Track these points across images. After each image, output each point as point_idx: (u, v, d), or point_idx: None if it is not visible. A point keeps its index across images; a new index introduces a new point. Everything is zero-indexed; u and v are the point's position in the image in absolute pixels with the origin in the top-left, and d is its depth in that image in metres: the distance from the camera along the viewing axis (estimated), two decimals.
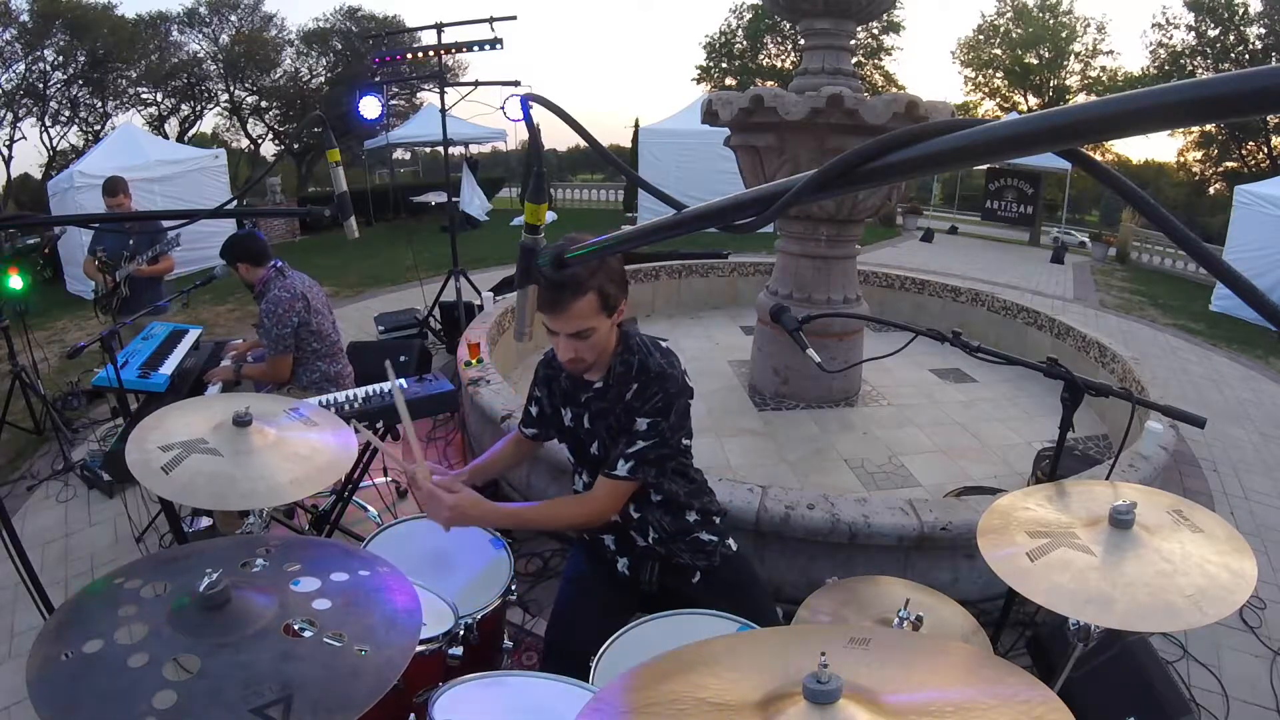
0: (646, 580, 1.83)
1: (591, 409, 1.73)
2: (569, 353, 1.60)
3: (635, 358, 1.68)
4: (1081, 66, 24.79)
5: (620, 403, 1.68)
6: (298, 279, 3.19)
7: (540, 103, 0.80)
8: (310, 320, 3.16)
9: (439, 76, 6.30)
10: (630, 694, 0.92)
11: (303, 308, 3.12)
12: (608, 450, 1.72)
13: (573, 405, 1.78)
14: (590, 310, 1.54)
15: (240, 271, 3.14)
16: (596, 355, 1.64)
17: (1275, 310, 0.45)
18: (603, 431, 1.72)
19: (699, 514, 1.84)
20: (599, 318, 1.57)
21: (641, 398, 1.64)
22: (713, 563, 1.86)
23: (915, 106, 3.67)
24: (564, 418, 1.81)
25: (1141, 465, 3.15)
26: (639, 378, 1.66)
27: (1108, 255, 14.11)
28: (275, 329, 3.07)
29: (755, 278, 7.08)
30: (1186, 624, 1.15)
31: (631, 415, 1.65)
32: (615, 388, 1.68)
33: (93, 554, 3.20)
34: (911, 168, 0.44)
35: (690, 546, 1.83)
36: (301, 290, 3.15)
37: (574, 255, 0.78)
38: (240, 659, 0.95)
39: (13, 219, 1.44)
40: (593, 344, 1.61)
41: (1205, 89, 0.30)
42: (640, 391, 1.65)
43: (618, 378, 1.68)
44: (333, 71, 22.87)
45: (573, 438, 1.81)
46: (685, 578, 1.84)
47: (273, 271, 3.15)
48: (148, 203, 8.94)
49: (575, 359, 1.62)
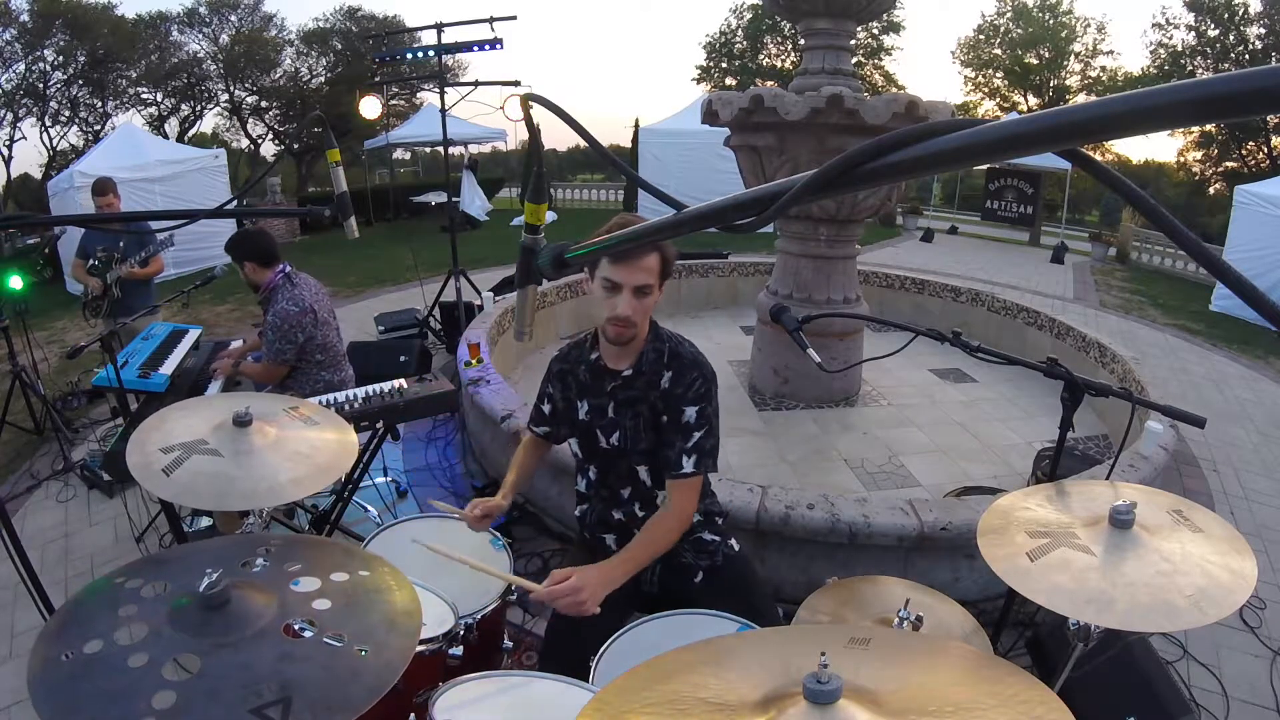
0: (648, 580, 1.83)
1: (617, 398, 1.74)
2: (629, 309, 1.61)
3: (665, 345, 1.73)
4: (1081, 66, 24.79)
5: (655, 390, 1.70)
6: (305, 287, 3.07)
7: (540, 103, 0.80)
8: (316, 334, 3.06)
9: (439, 76, 6.30)
10: (630, 694, 0.92)
11: (310, 322, 3.01)
12: (628, 441, 1.74)
13: (591, 396, 1.78)
14: (655, 267, 1.60)
15: (246, 271, 3.02)
16: (643, 324, 1.67)
17: (1275, 310, 0.44)
18: (628, 421, 1.73)
19: (702, 514, 1.84)
20: (657, 280, 1.62)
21: (681, 384, 1.68)
22: (715, 562, 1.86)
23: (915, 106, 3.67)
24: (579, 411, 1.80)
25: (1141, 465, 3.15)
26: (672, 364, 1.71)
27: (1108, 255, 14.10)
28: (279, 343, 2.97)
29: (755, 278, 7.08)
30: (1186, 624, 1.15)
31: (675, 404, 1.68)
32: (646, 375, 1.71)
33: (93, 554, 3.20)
34: (911, 168, 0.44)
35: (693, 546, 1.84)
36: (310, 303, 3.02)
37: (574, 255, 0.78)
38: (240, 659, 0.95)
39: (13, 219, 1.44)
40: (645, 307, 1.64)
41: (1205, 89, 0.30)
42: (677, 378, 1.69)
43: (649, 364, 1.71)
44: (333, 71, 22.85)
45: (586, 431, 1.80)
46: (687, 577, 1.84)
47: (280, 278, 3.03)
48: (147, 203, 8.94)
49: (629, 319, 1.62)
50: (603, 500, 1.85)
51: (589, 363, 1.78)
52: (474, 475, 3.88)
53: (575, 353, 1.85)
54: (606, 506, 1.85)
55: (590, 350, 1.78)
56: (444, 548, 1.62)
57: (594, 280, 1.65)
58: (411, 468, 3.97)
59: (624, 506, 1.82)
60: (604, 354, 1.76)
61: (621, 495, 1.82)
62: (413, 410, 2.64)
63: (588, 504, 1.91)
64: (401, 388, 2.64)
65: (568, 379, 1.84)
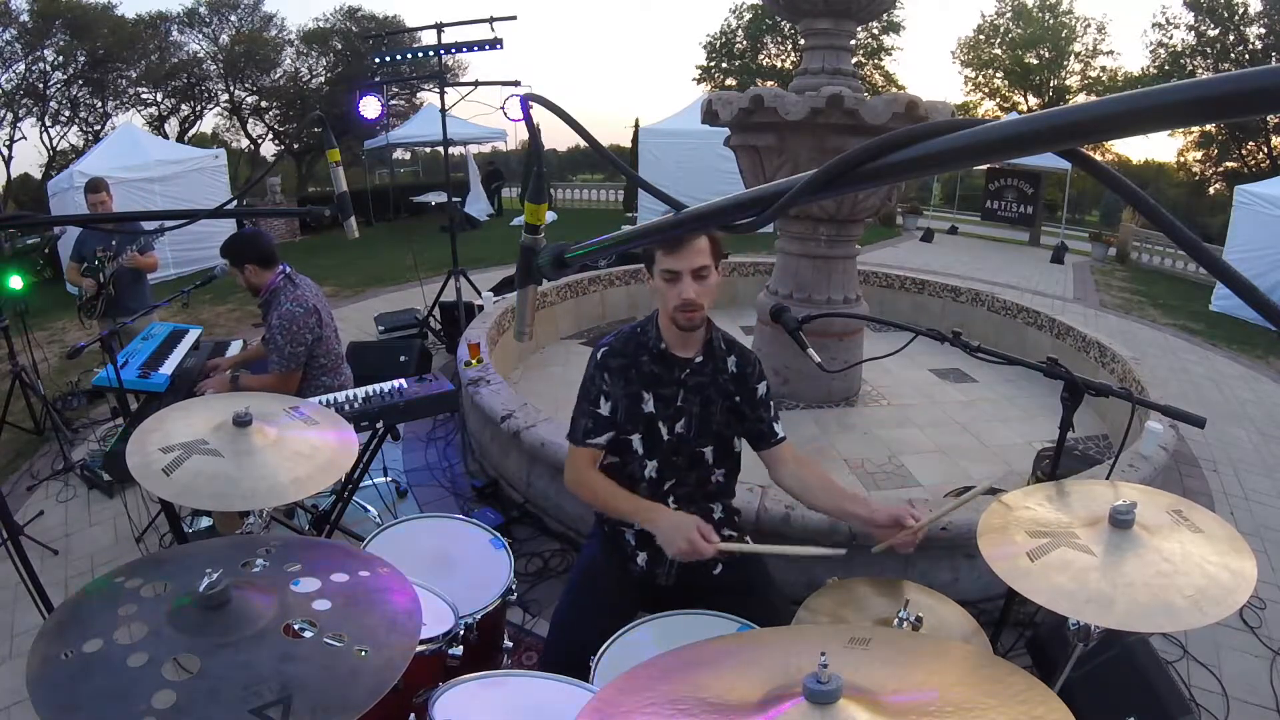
0: (665, 574, 1.82)
1: (688, 384, 1.78)
2: (691, 292, 1.66)
3: (717, 333, 1.84)
4: (1081, 66, 24.80)
5: (724, 374, 1.81)
6: (307, 289, 3.04)
7: (540, 103, 0.80)
8: (323, 335, 3.03)
9: (439, 76, 6.30)
10: (630, 694, 0.92)
11: (315, 323, 2.97)
12: (693, 428, 1.80)
13: (660, 387, 1.78)
14: (707, 248, 1.66)
15: (246, 274, 2.96)
16: (708, 306, 1.73)
17: (1275, 310, 0.44)
18: (695, 406, 1.79)
19: (724, 510, 1.90)
20: (712, 260, 1.69)
21: (746, 364, 1.85)
22: (733, 556, 1.86)
23: (915, 106, 3.67)
24: (645, 403, 1.78)
25: (1141, 465, 3.15)
26: (732, 349, 1.85)
27: (1108, 255, 14.10)
28: (289, 347, 2.90)
29: (755, 278, 7.08)
30: (1186, 624, 1.15)
31: (746, 383, 1.83)
32: (716, 360, 1.81)
33: (93, 554, 3.20)
34: (911, 168, 0.44)
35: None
36: (314, 303, 2.99)
37: (574, 255, 0.78)
38: (240, 659, 0.95)
39: (13, 219, 1.43)
40: (708, 289, 1.70)
41: (1205, 89, 0.30)
42: (741, 360, 1.84)
43: (718, 350, 1.82)
44: (333, 71, 22.82)
45: (650, 424, 1.78)
46: (706, 570, 1.82)
47: (281, 279, 2.99)
48: (147, 203, 8.93)
49: (694, 302, 1.68)
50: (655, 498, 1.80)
51: (655, 353, 1.77)
52: (474, 475, 3.88)
53: (633, 345, 1.80)
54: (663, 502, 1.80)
55: (656, 341, 1.78)
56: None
57: (654, 277, 1.72)
58: (411, 468, 3.97)
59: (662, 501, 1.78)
60: (670, 343, 1.78)
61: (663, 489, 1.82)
62: (413, 410, 2.64)
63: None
64: (401, 388, 2.64)
65: (630, 372, 1.78)
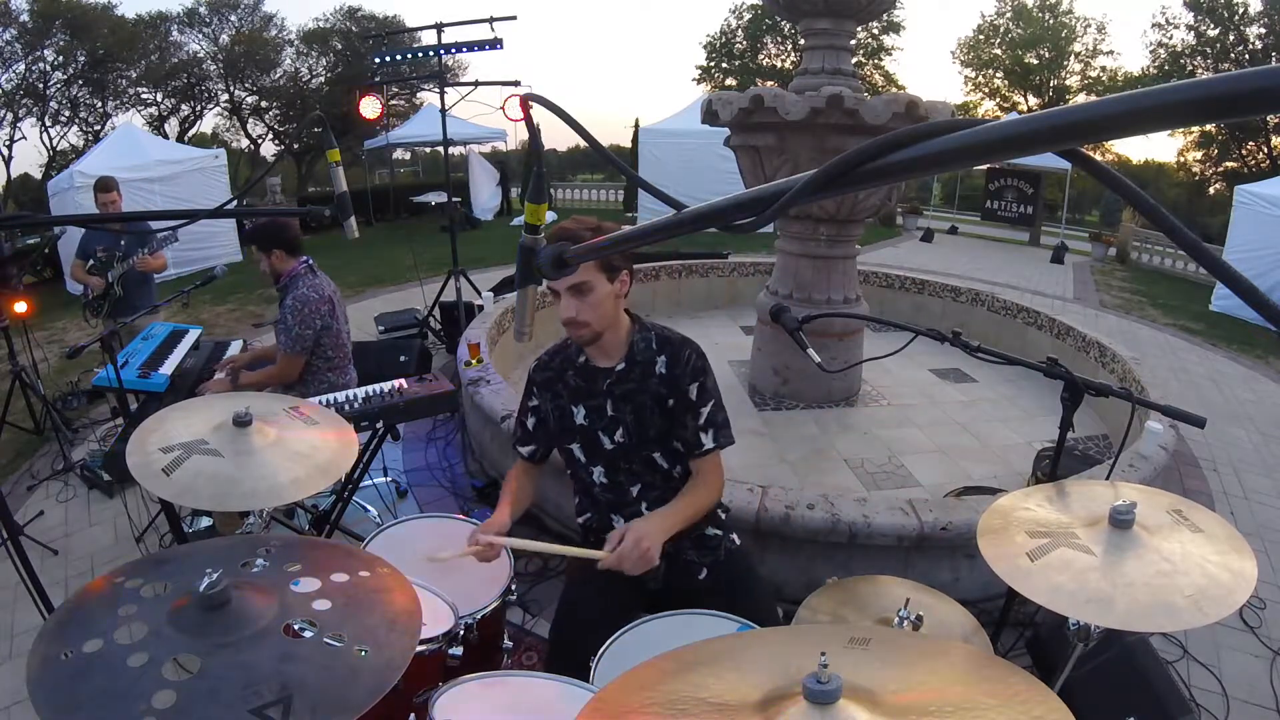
0: (654, 578, 1.82)
1: (615, 393, 1.73)
2: (569, 310, 1.61)
3: (651, 333, 1.74)
4: (1081, 66, 24.80)
5: (653, 377, 1.71)
6: (325, 281, 3.12)
7: (540, 103, 0.80)
8: (332, 325, 3.09)
9: (439, 76, 6.30)
10: (630, 694, 0.92)
11: (328, 311, 3.05)
12: (632, 436, 1.73)
13: (587, 399, 1.77)
14: (588, 265, 1.57)
15: (271, 260, 3.04)
16: (597, 320, 1.65)
17: (1275, 310, 0.44)
18: (628, 415, 1.73)
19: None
20: (596, 274, 1.60)
21: (678, 364, 1.70)
22: (718, 558, 1.86)
23: (915, 106, 3.67)
24: (575, 416, 1.79)
25: (1141, 465, 3.15)
26: (664, 349, 1.72)
27: (1108, 255, 14.10)
28: (298, 328, 2.97)
29: (755, 278, 7.08)
30: (1186, 624, 1.15)
31: (677, 384, 1.69)
32: (640, 364, 1.72)
33: (93, 554, 3.20)
34: (911, 168, 0.44)
35: (696, 544, 1.84)
36: (329, 294, 3.07)
37: (574, 255, 0.78)
38: (240, 659, 0.95)
39: (13, 219, 1.43)
40: (591, 304, 1.62)
41: (1205, 89, 0.30)
42: (673, 360, 1.71)
43: (642, 354, 1.72)
44: (333, 71, 22.82)
45: (587, 435, 1.79)
46: (692, 574, 1.84)
47: (304, 267, 3.07)
48: (147, 203, 8.92)
49: (575, 319, 1.62)
50: (608, 504, 1.84)
51: (578, 366, 1.77)
52: (474, 475, 3.88)
53: (558, 360, 1.82)
54: (610, 509, 1.84)
55: (577, 354, 1.77)
56: (523, 543, 1.66)
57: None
58: (411, 468, 3.97)
59: (631, 507, 1.81)
60: (590, 355, 1.75)
61: (630, 494, 1.81)
62: (413, 410, 2.64)
63: (594, 510, 1.88)
64: (401, 388, 2.64)
65: (556, 386, 1.81)
